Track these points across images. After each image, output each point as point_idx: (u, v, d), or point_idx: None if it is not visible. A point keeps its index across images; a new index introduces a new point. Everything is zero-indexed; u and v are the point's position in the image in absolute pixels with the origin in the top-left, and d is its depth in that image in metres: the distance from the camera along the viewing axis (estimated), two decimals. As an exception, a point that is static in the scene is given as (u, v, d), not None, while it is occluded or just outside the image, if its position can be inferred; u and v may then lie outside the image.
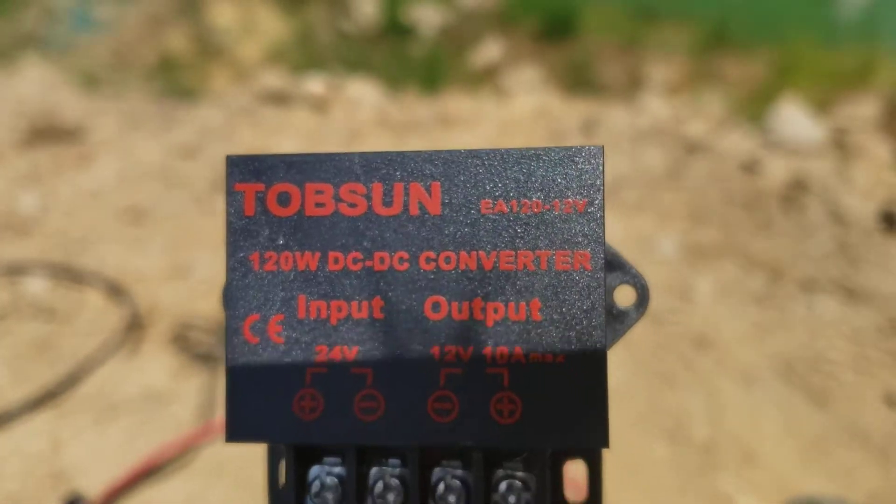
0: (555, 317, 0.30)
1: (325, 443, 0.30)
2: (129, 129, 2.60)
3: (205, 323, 1.62)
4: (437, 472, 0.31)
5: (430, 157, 0.31)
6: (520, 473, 0.30)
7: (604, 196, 0.30)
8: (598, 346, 0.29)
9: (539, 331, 0.30)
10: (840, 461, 1.33)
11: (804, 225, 2.01)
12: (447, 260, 0.30)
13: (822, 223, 2.01)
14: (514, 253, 0.30)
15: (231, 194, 0.31)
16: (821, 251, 1.90)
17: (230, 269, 0.31)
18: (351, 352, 0.30)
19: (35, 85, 2.98)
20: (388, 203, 0.31)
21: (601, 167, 0.30)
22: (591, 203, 0.30)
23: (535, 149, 0.31)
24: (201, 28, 3.52)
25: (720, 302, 1.74)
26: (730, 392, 1.48)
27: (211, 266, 1.83)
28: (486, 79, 3.04)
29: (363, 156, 0.31)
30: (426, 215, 0.31)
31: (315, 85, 2.87)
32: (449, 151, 0.31)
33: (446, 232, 0.30)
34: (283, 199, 0.31)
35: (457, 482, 0.30)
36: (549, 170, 0.30)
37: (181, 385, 1.48)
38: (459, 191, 0.31)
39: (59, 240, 1.97)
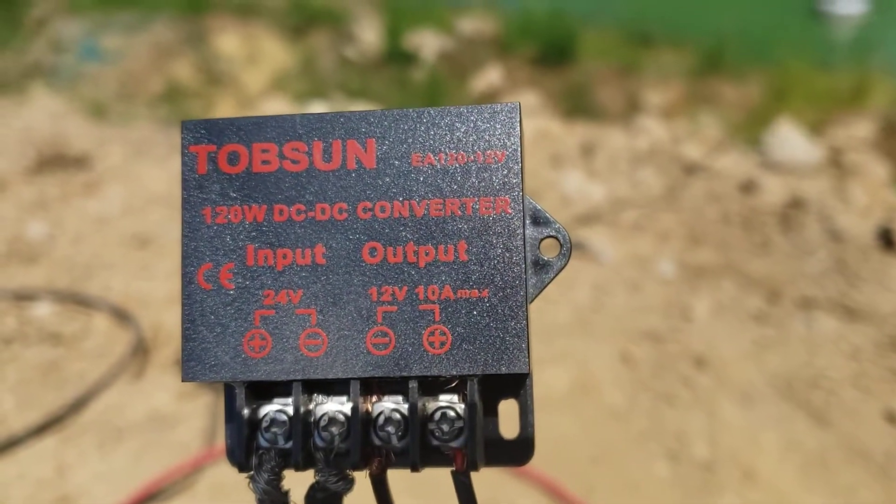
0: (479, 256, 0.33)
1: (273, 378, 0.32)
2: (136, 156, 2.64)
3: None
4: (377, 406, 0.33)
5: (365, 116, 0.34)
6: (454, 404, 0.33)
7: (521, 147, 0.34)
8: (518, 280, 0.32)
9: (466, 269, 0.33)
10: (841, 479, 1.33)
11: (802, 244, 2.03)
12: (382, 209, 0.33)
13: (820, 242, 2.02)
14: (442, 201, 0.33)
15: (186, 155, 0.34)
16: (818, 270, 1.92)
17: (185, 223, 0.33)
18: (296, 295, 0.33)
19: (43, 114, 3.03)
20: (327, 159, 0.34)
21: (517, 122, 0.34)
22: (509, 154, 0.33)
23: (459, 107, 0.34)
24: (207, 57, 3.59)
25: (719, 321, 1.75)
26: (730, 410, 1.49)
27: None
28: (485, 104, 3.08)
29: (304, 116, 0.34)
30: (362, 169, 0.34)
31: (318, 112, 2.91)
32: (382, 111, 0.34)
33: (381, 183, 0.33)
34: (233, 158, 0.34)
35: (396, 413, 0.32)
36: (472, 125, 0.34)
37: (186, 407, 1.50)
38: (392, 146, 0.34)
39: (65, 266, 1.99)
